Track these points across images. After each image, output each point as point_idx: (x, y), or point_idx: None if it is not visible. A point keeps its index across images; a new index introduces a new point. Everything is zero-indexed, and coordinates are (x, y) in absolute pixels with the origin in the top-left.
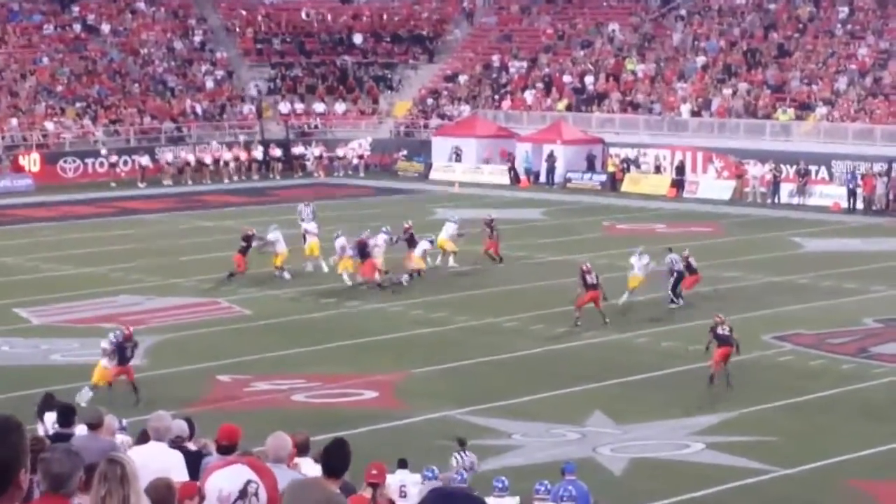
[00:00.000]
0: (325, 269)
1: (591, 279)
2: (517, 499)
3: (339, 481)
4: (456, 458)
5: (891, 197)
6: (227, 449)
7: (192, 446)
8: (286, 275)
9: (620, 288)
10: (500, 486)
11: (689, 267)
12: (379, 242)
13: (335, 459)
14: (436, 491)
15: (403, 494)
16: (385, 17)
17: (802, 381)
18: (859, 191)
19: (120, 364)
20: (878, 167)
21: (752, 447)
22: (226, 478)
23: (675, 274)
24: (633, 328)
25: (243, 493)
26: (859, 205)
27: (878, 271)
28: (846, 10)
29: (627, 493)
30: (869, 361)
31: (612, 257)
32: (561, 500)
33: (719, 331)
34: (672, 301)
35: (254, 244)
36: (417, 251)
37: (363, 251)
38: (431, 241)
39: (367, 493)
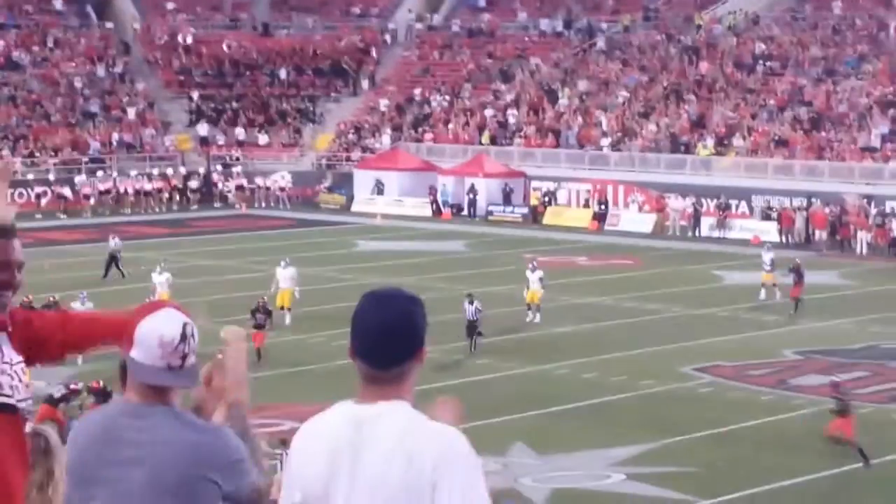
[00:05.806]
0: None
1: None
2: None
3: None
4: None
5: (810, 231)
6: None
7: None
8: None
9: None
10: None
11: None
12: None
13: None
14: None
15: None
16: (308, 49)
17: (722, 413)
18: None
19: None
20: (797, 202)
21: (672, 478)
22: (163, 321)
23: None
24: (554, 359)
25: (183, 336)
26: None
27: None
28: (762, 46)
29: None
30: (788, 393)
31: None
32: None
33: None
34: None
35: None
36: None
37: None
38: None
39: None
